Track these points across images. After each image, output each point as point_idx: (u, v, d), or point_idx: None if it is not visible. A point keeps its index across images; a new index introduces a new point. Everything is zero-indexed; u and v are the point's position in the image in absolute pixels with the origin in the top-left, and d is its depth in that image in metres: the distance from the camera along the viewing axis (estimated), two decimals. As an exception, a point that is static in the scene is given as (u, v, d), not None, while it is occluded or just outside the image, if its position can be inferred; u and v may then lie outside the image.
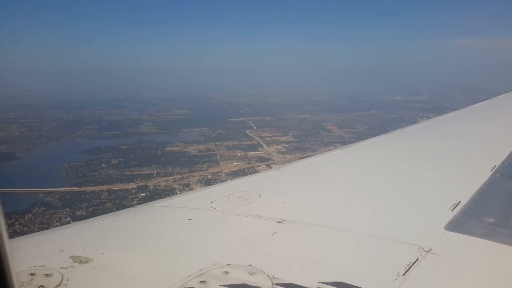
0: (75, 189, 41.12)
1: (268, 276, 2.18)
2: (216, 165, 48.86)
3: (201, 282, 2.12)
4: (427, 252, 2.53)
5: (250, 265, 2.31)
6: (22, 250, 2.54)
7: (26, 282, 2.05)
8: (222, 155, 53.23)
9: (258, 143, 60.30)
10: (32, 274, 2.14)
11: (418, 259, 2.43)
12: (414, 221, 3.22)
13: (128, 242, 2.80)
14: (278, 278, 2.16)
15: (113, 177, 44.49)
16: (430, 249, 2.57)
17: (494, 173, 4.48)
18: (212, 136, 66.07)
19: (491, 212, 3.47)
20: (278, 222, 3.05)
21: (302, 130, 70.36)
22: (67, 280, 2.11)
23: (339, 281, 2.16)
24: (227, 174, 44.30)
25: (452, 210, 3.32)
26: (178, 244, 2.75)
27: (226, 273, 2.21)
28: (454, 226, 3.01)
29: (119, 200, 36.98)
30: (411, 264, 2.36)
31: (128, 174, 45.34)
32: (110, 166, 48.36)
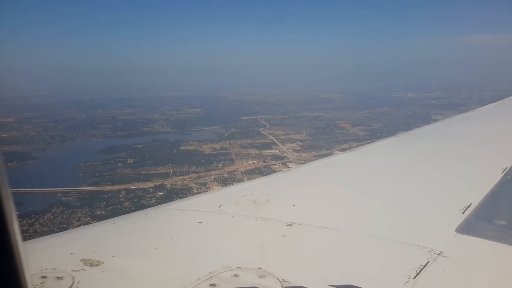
0: (93, 188, 41.20)
1: (278, 279, 2.18)
2: (231, 163, 48.63)
3: (211, 285, 2.12)
4: (438, 255, 2.51)
5: (260, 268, 2.30)
6: (33, 253, 2.56)
7: (38, 285, 2.06)
8: (237, 154, 53.01)
9: (272, 142, 59.97)
10: (43, 277, 2.15)
11: (429, 262, 2.40)
12: (424, 223, 3.20)
13: (138, 245, 2.81)
14: (288, 281, 2.15)
15: (129, 176, 44.55)
16: (441, 251, 2.55)
17: (505, 175, 4.42)
18: (225, 134, 65.99)
19: (503, 214, 3.47)
20: (288, 225, 3.04)
21: (315, 128, 69.83)
22: (78, 283, 2.12)
23: (349, 284, 2.14)
24: (243, 173, 44.06)
25: (463, 213, 3.29)
26: (188, 247, 2.76)
27: (236, 276, 2.22)
28: (465, 228, 2.98)
29: (137, 199, 36.90)
30: (422, 267, 2.34)
31: (144, 173, 45.35)
32: (126, 165, 48.49)
